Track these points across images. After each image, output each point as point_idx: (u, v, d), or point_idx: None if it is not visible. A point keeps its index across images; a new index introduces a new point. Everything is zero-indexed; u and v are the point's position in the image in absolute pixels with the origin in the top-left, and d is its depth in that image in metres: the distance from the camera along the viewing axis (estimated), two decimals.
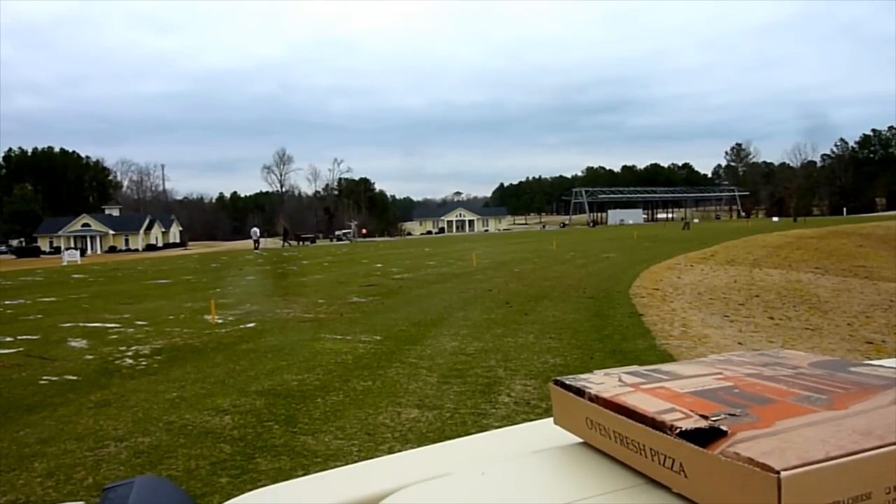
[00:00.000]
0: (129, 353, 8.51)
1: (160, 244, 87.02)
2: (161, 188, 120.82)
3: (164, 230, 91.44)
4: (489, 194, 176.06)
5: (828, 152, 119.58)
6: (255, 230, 52.32)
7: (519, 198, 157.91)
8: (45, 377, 7.33)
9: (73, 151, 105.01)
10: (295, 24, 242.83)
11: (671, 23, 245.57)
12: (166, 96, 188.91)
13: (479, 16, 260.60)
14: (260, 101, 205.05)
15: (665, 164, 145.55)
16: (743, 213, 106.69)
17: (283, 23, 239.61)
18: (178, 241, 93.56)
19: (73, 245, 73.69)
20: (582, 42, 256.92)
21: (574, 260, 22.47)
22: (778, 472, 0.44)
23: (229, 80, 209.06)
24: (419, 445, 0.94)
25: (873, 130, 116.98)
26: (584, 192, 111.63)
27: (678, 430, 0.53)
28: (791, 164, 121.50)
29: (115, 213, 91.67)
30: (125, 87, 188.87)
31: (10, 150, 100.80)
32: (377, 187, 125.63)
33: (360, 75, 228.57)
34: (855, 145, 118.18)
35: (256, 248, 43.73)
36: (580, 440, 0.67)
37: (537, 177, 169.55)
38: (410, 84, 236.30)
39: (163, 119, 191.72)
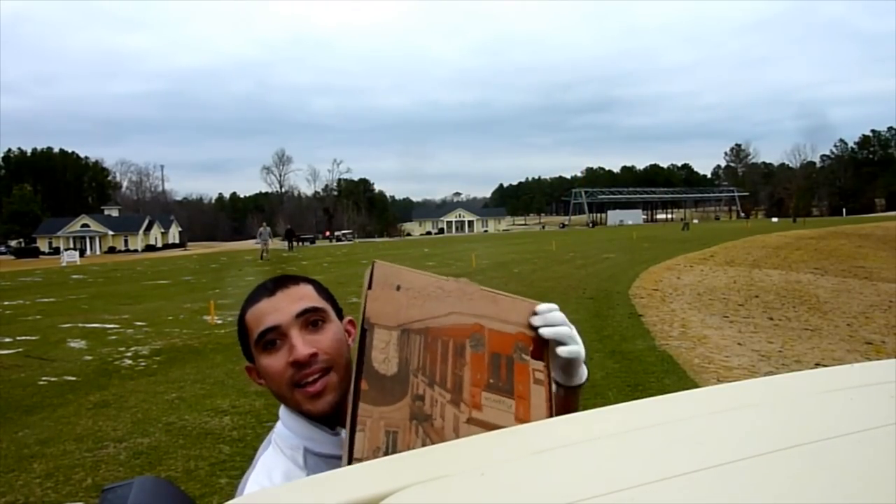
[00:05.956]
0: (129, 354, 8.50)
1: (159, 245, 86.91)
2: (160, 189, 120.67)
3: (163, 231, 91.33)
4: (488, 195, 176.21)
5: (827, 153, 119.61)
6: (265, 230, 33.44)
7: (518, 198, 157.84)
8: (44, 378, 7.33)
9: (73, 152, 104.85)
10: (268, 23, 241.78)
11: (658, 21, 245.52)
12: (147, 95, 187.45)
13: (457, 15, 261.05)
14: (243, 100, 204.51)
15: (664, 164, 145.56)
16: (742, 214, 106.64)
17: (255, 21, 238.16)
18: (177, 241, 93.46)
19: (72, 246, 73.56)
20: (563, 41, 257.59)
21: (573, 260, 22.47)
22: None
23: (210, 79, 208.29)
24: None
25: (872, 131, 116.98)
26: (583, 193, 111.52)
27: None
28: (790, 165, 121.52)
29: (115, 213, 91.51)
30: (101, 86, 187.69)
31: (10, 150, 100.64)
32: (376, 188, 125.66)
33: (341, 74, 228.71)
34: (854, 146, 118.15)
35: (264, 256, 30.32)
36: (580, 440, 0.67)
37: (537, 177, 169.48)
38: (393, 83, 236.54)
39: (149, 119, 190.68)
